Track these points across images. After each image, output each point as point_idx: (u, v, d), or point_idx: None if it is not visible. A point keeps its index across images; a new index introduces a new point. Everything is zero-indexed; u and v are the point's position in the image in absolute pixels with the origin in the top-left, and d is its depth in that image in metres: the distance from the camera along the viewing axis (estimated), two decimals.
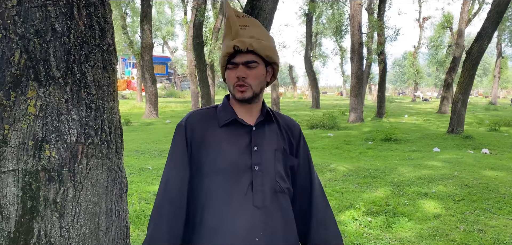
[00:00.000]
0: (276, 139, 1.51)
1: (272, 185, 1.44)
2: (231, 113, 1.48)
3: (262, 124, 1.50)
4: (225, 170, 1.41)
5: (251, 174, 1.42)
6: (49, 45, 1.39)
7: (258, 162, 1.43)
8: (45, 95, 1.39)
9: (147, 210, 5.13)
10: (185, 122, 1.48)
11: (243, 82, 1.42)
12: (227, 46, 1.43)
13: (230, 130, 1.46)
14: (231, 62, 1.43)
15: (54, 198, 1.40)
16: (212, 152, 1.43)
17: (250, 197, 1.40)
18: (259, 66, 1.44)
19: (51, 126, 1.39)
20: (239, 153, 1.43)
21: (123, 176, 1.64)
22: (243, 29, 1.43)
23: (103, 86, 1.53)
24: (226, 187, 1.40)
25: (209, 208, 1.40)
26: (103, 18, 1.54)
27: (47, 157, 1.39)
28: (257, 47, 1.41)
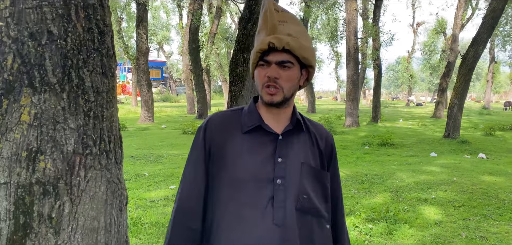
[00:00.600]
0: (305, 151, 1.36)
1: (295, 202, 1.29)
2: (257, 118, 1.34)
3: (290, 133, 1.35)
4: (244, 182, 1.28)
5: (273, 188, 1.28)
6: (44, 49, 1.29)
7: (282, 175, 1.29)
8: (40, 103, 1.29)
9: (144, 218, 5.02)
10: (205, 125, 1.37)
11: (274, 83, 1.27)
12: (262, 42, 1.28)
13: (254, 138, 1.33)
14: (263, 59, 1.29)
15: (49, 213, 1.31)
16: (232, 160, 1.31)
17: (270, 213, 1.26)
18: (293, 67, 1.30)
19: (47, 135, 1.30)
20: (260, 163, 1.30)
21: (123, 188, 1.54)
22: (281, 25, 1.29)
23: (102, 93, 1.44)
24: (244, 200, 1.28)
25: (224, 221, 1.29)
26: (103, 21, 1.45)
27: (42, 169, 1.29)
28: (294, 46, 1.27)
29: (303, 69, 1.34)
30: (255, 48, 1.31)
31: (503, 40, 24.90)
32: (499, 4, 11.30)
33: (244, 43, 5.43)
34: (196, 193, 1.33)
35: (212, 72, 31.60)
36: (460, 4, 22.57)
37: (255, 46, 1.32)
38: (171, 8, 38.89)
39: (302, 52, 1.29)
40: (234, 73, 5.49)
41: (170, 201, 5.77)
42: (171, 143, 12.12)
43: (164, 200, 5.85)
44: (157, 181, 7.00)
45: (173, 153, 10.17)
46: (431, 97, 60.35)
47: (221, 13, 24.48)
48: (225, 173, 1.30)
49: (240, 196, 1.28)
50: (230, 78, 5.61)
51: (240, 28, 5.56)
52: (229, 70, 5.65)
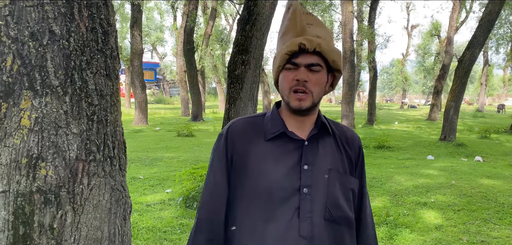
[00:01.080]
0: (333, 156, 1.28)
1: (323, 212, 1.22)
2: (281, 125, 1.27)
3: (315, 138, 1.28)
4: (269, 192, 1.21)
5: (299, 198, 1.20)
6: (46, 50, 1.22)
7: (308, 184, 1.21)
8: (41, 106, 1.22)
9: (140, 222, 4.93)
10: (226, 132, 1.30)
11: (303, 87, 1.20)
12: (291, 43, 1.20)
13: (278, 145, 1.25)
14: (291, 62, 1.21)
15: (50, 223, 1.23)
16: (255, 169, 1.23)
17: (296, 224, 1.19)
18: (322, 71, 1.23)
19: (48, 141, 1.22)
20: (286, 172, 1.22)
21: (127, 195, 1.47)
22: (309, 27, 1.23)
23: (106, 96, 1.36)
24: (268, 211, 1.20)
25: (247, 234, 1.22)
26: (106, 20, 1.38)
27: (43, 176, 1.22)
28: (325, 49, 1.21)
29: (329, 73, 1.27)
30: (282, 49, 1.23)
31: (497, 43, 25.04)
32: (495, 6, 11.33)
33: (242, 44, 5.36)
34: (219, 204, 1.26)
35: (207, 73, 31.49)
36: (455, 7, 22.67)
37: (282, 49, 1.24)
38: (165, 9, 38.77)
39: (332, 55, 1.23)
40: (233, 75, 5.41)
41: (166, 205, 5.69)
42: (166, 146, 12.02)
43: (160, 204, 5.76)
44: (152, 185, 6.91)
45: (168, 156, 10.07)
46: (425, 100, 60.62)
47: (216, 14, 24.41)
48: (248, 183, 1.23)
49: (264, 208, 1.20)
50: (228, 80, 5.53)
51: (238, 30, 5.49)
52: (228, 72, 5.58)
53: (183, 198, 5.59)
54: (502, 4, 11.55)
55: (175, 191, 6.25)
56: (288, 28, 1.25)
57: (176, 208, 5.53)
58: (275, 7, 5.57)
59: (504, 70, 40.64)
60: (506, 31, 23.41)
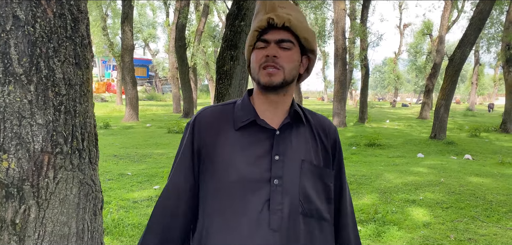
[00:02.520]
0: (306, 147, 1.23)
1: (294, 204, 1.17)
2: (251, 113, 1.21)
3: (288, 126, 1.22)
4: (238, 183, 1.16)
5: (269, 190, 1.15)
6: (9, 36, 1.16)
7: (279, 175, 1.16)
8: (3, 95, 1.16)
9: (126, 219, 4.86)
10: (194, 121, 1.25)
11: (273, 63, 1.15)
12: (260, 20, 1.17)
13: (248, 134, 1.20)
14: (261, 39, 1.18)
15: (12, 218, 1.17)
16: (224, 160, 1.18)
17: (266, 217, 1.14)
18: (294, 48, 1.19)
19: (11, 132, 1.16)
20: (255, 162, 1.17)
21: (98, 190, 1.41)
22: (281, 9, 1.19)
23: (75, 85, 1.30)
24: (237, 203, 1.15)
25: (216, 226, 1.17)
26: (76, 6, 1.32)
27: (5, 169, 1.16)
28: (295, 24, 1.17)
29: (303, 56, 1.23)
30: (252, 28, 1.20)
31: (487, 42, 25.19)
32: (486, 5, 11.37)
33: (231, 40, 5.30)
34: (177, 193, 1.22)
35: (199, 70, 31.37)
36: (447, 6, 22.77)
37: (252, 27, 1.21)
38: (158, 6, 38.55)
39: (303, 32, 1.19)
40: (221, 70, 5.35)
41: (153, 202, 5.62)
42: (156, 142, 11.93)
43: (147, 200, 5.70)
44: (140, 181, 6.83)
45: (157, 153, 9.99)
46: (416, 98, 60.96)
47: (209, 11, 24.30)
48: (216, 175, 1.18)
49: (233, 200, 1.15)
50: (216, 76, 5.47)
51: (227, 25, 5.43)
52: (216, 67, 5.52)
53: None
54: (492, 3, 11.61)
55: (163, 187, 6.17)
56: (259, 9, 1.22)
57: None
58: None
59: (495, 70, 40.93)
60: (497, 31, 23.57)
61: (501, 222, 5.06)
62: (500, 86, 42.58)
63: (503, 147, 12.37)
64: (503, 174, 7.88)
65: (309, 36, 1.21)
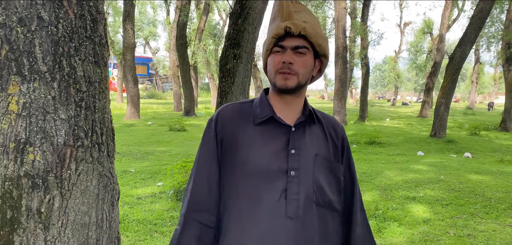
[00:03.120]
0: (318, 143, 1.33)
1: (308, 194, 1.27)
2: (269, 110, 1.31)
3: (302, 125, 1.33)
4: (257, 174, 1.25)
5: (286, 180, 1.25)
6: (34, 35, 1.23)
7: (295, 167, 1.26)
8: (29, 92, 1.23)
9: (130, 214, 4.94)
10: (216, 117, 1.33)
11: (288, 70, 1.25)
12: (277, 27, 1.27)
13: (266, 129, 1.30)
14: (278, 44, 1.27)
15: (38, 207, 1.24)
16: (244, 152, 1.27)
17: (283, 205, 1.24)
18: (308, 53, 1.28)
19: (36, 126, 1.24)
20: (274, 155, 1.27)
21: (115, 182, 1.49)
22: (296, 14, 1.29)
23: (94, 83, 1.38)
24: (257, 192, 1.24)
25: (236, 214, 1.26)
26: (95, 8, 1.39)
27: (31, 161, 1.23)
28: (310, 32, 1.26)
29: (316, 59, 1.33)
30: (269, 34, 1.29)
31: (487, 41, 25.25)
32: (486, 4, 11.43)
33: (234, 38, 5.37)
34: (209, 187, 1.30)
35: (199, 68, 31.43)
36: (447, 5, 22.82)
37: (269, 33, 1.30)
38: (158, 4, 38.55)
39: (317, 39, 1.28)
40: (224, 69, 5.42)
41: (157, 198, 5.70)
42: (157, 140, 12.00)
43: (151, 197, 5.77)
44: (144, 178, 6.91)
45: (159, 150, 10.07)
46: (416, 97, 61.02)
47: (209, 9, 24.35)
48: (237, 165, 1.27)
49: (253, 189, 1.24)
50: (220, 74, 5.54)
51: (230, 24, 5.50)
52: (219, 66, 5.58)
53: (174, 191, 5.60)
54: (493, 2, 11.68)
55: (166, 184, 6.26)
56: (276, 15, 1.31)
57: (167, 201, 5.55)
58: (267, 1, 5.58)
59: (495, 68, 40.98)
60: (498, 30, 23.62)
61: (500, 219, 5.14)
62: (500, 84, 42.63)
63: (502, 145, 12.45)
64: (502, 171, 7.96)
65: (322, 42, 1.30)
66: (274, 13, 1.32)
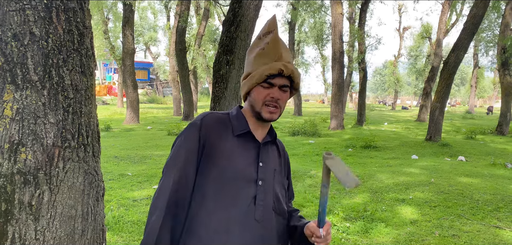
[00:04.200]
0: (276, 160, 1.57)
1: (270, 202, 1.49)
2: (245, 125, 1.51)
3: (268, 143, 1.56)
4: (234, 179, 1.43)
5: (255, 188, 1.45)
6: (27, 49, 1.39)
7: (262, 177, 1.47)
8: (22, 98, 1.39)
9: (126, 216, 5.09)
10: (201, 121, 1.48)
11: (276, 104, 1.46)
12: (272, 67, 1.44)
13: (242, 141, 1.49)
14: (268, 81, 1.45)
15: (29, 201, 1.41)
16: (224, 159, 1.44)
17: (252, 210, 1.43)
18: (288, 91, 1.51)
19: (28, 129, 1.40)
20: (247, 165, 1.47)
21: (100, 179, 1.65)
22: (284, 52, 1.48)
23: (80, 90, 1.54)
24: (233, 195, 1.42)
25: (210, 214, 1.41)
26: (82, 23, 1.56)
27: (23, 160, 1.39)
28: (296, 74, 1.48)
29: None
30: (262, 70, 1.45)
31: (485, 45, 25.41)
32: (479, 10, 11.61)
33: (227, 45, 5.54)
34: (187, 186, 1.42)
35: (199, 73, 31.63)
36: (444, 10, 23.00)
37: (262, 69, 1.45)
38: (159, 9, 38.80)
39: (297, 79, 1.50)
40: (217, 75, 5.59)
41: None
42: (156, 144, 12.16)
43: (146, 199, 5.93)
44: (140, 181, 7.06)
45: (157, 154, 10.22)
46: (416, 101, 61.14)
47: (209, 14, 24.56)
48: (215, 169, 1.42)
49: (229, 192, 1.42)
50: (213, 80, 5.71)
51: (223, 31, 5.67)
52: (213, 71, 5.75)
53: None
54: (486, 8, 11.84)
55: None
56: (268, 51, 1.47)
57: None
58: (259, 9, 5.75)
59: (494, 73, 41.12)
60: (496, 34, 23.79)
61: (485, 220, 5.27)
62: (499, 88, 42.75)
63: (497, 149, 12.58)
64: (493, 174, 8.09)
65: (299, 80, 1.52)
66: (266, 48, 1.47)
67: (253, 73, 1.47)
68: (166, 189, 1.41)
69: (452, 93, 61.23)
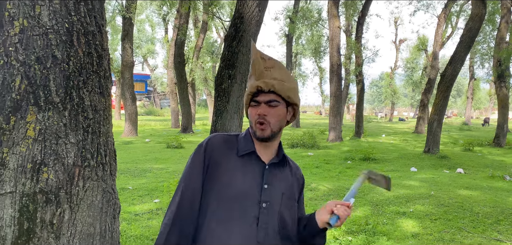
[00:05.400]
0: (286, 184, 1.57)
1: (274, 226, 1.49)
2: (251, 145, 1.54)
3: (275, 165, 1.56)
4: (235, 199, 1.46)
5: (259, 210, 1.47)
6: (49, 72, 1.44)
7: (267, 200, 1.49)
8: (44, 119, 1.44)
9: (128, 230, 5.10)
10: (206, 143, 1.54)
11: (263, 120, 1.48)
12: (251, 86, 1.51)
13: (246, 162, 1.52)
14: (254, 100, 1.50)
15: (50, 219, 1.44)
16: (226, 178, 1.48)
17: (254, 231, 1.45)
18: (280, 105, 1.51)
19: (50, 149, 1.44)
20: (250, 185, 1.49)
21: (117, 197, 1.69)
22: (267, 71, 1.51)
23: (99, 111, 1.58)
24: (233, 215, 1.45)
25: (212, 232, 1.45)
26: (101, 46, 1.61)
27: (45, 179, 1.43)
28: (279, 88, 1.48)
29: (289, 106, 1.55)
30: (246, 91, 1.53)
31: (481, 58, 25.65)
32: (475, 24, 11.76)
33: (229, 59, 5.61)
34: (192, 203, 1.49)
35: (197, 86, 31.70)
36: (440, 23, 23.25)
37: (247, 90, 1.53)
38: (157, 22, 38.99)
39: (286, 92, 1.50)
40: (219, 89, 5.65)
41: (154, 214, 5.86)
42: (155, 157, 12.16)
43: (148, 213, 5.93)
44: (141, 195, 7.06)
45: (157, 167, 10.23)
46: (413, 113, 61.40)
47: (207, 27, 24.71)
48: (218, 188, 1.47)
49: (230, 212, 1.45)
50: (215, 94, 5.77)
51: (225, 46, 5.74)
52: (214, 85, 5.81)
53: None
54: (481, 21, 12.00)
55: (163, 201, 6.42)
56: (251, 73, 1.54)
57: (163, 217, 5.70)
58: (260, 25, 5.83)
59: (490, 84, 41.41)
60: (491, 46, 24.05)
61: (486, 233, 5.31)
62: (495, 100, 43.03)
63: (495, 160, 12.65)
64: (492, 187, 8.14)
65: (291, 94, 1.52)
66: (250, 70, 1.55)
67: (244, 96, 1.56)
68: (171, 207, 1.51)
69: (449, 104, 61.54)
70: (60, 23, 1.45)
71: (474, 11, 12.00)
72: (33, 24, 1.41)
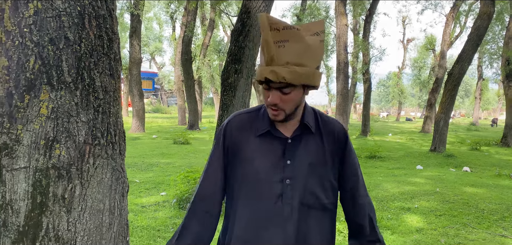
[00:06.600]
0: (313, 151, 1.48)
1: (302, 199, 1.44)
2: (268, 123, 1.46)
3: (298, 136, 1.47)
4: (257, 181, 1.45)
5: (282, 187, 1.43)
6: (62, 52, 1.50)
7: (290, 176, 1.44)
8: (56, 98, 1.49)
9: (135, 221, 5.18)
10: (225, 126, 1.52)
11: (275, 108, 1.38)
12: (260, 72, 1.34)
13: (265, 141, 1.46)
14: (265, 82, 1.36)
15: (62, 194, 1.50)
16: (246, 161, 1.46)
17: (280, 207, 1.43)
18: (294, 89, 1.35)
19: (62, 127, 1.50)
20: (271, 165, 1.44)
21: (125, 176, 1.74)
22: (280, 48, 1.30)
23: (109, 92, 1.64)
24: (256, 197, 1.45)
25: (239, 216, 1.48)
26: (111, 29, 1.66)
27: (57, 155, 1.49)
28: (290, 78, 1.29)
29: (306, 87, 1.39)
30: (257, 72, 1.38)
31: (490, 57, 25.47)
32: (483, 22, 11.71)
33: (235, 54, 5.66)
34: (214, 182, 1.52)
35: (204, 83, 31.82)
36: (448, 22, 23.13)
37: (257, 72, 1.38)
38: (164, 20, 39.19)
39: (300, 81, 1.32)
40: (226, 83, 5.71)
41: (160, 207, 5.94)
42: (162, 152, 12.27)
43: (154, 205, 6.01)
44: (148, 188, 7.15)
45: (164, 162, 10.32)
46: (420, 113, 61.09)
47: (214, 25, 24.79)
48: (239, 170, 1.48)
49: (253, 192, 1.46)
50: (221, 88, 5.83)
51: (232, 40, 5.80)
52: (221, 80, 5.87)
53: (177, 200, 5.84)
54: (490, 20, 11.94)
55: (170, 194, 6.50)
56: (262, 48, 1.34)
57: (170, 209, 5.79)
58: None
59: (499, 84, 41.11)
60: (500, 46, 23.87)
61: (491, 229, 5.32)
62: (504, 100, 42.69)
63: (502, 160, 12.59)
64: (498, 185, 8.13)
65: (307, 80, 1.33)
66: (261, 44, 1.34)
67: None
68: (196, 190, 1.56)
69: (457, 105, 61.22)
70: (72, 6, 1.51)
71: (482, 9, 11.95)
72: (47, 6, 1.47)
